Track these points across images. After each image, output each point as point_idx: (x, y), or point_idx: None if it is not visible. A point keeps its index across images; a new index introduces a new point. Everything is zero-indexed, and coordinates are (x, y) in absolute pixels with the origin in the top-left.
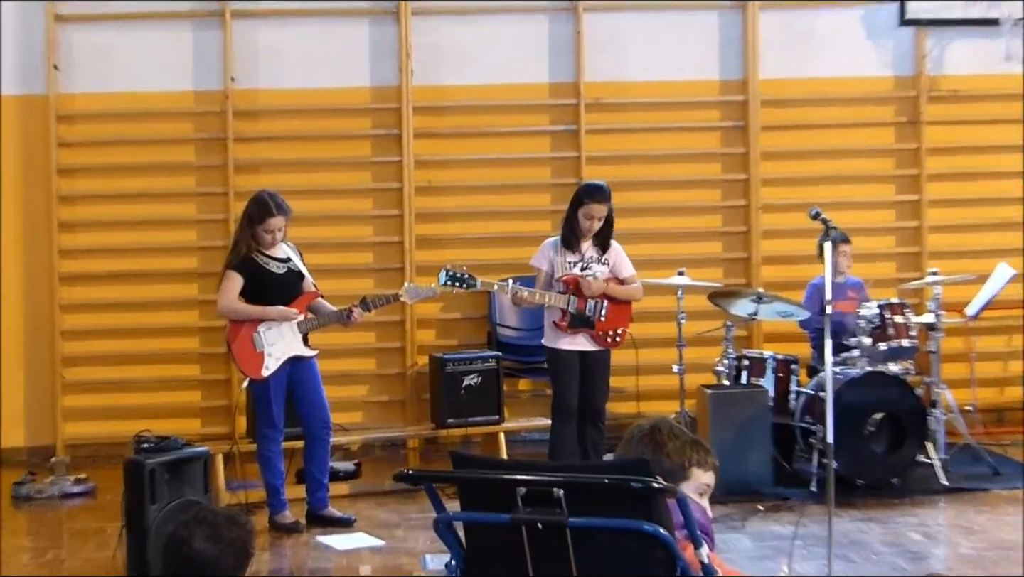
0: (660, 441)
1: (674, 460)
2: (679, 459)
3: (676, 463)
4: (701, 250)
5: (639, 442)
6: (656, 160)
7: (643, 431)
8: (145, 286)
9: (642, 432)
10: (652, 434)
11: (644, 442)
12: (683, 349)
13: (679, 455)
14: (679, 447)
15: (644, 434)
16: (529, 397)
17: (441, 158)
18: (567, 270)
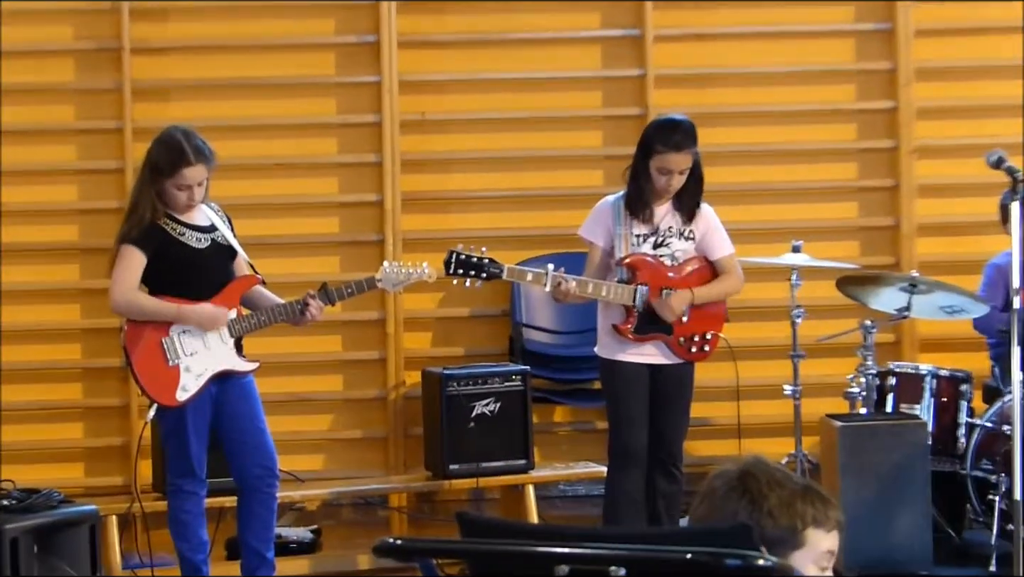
0: (757, 492)
1: (780, 520)
2: (787, 519)
3: (783, 525)
4: (826, 214)
5: (725, 496)
6: (757, 80)
7: (729, 479)
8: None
9: (728, 481)
10: (743, 482)
11: (732, 496)
12: (800, 361)
13: (786, 512)
14: (786, 499)
15: (731, 483)
16: (570, 432)
17: (438, 77)
18: (634, 247)
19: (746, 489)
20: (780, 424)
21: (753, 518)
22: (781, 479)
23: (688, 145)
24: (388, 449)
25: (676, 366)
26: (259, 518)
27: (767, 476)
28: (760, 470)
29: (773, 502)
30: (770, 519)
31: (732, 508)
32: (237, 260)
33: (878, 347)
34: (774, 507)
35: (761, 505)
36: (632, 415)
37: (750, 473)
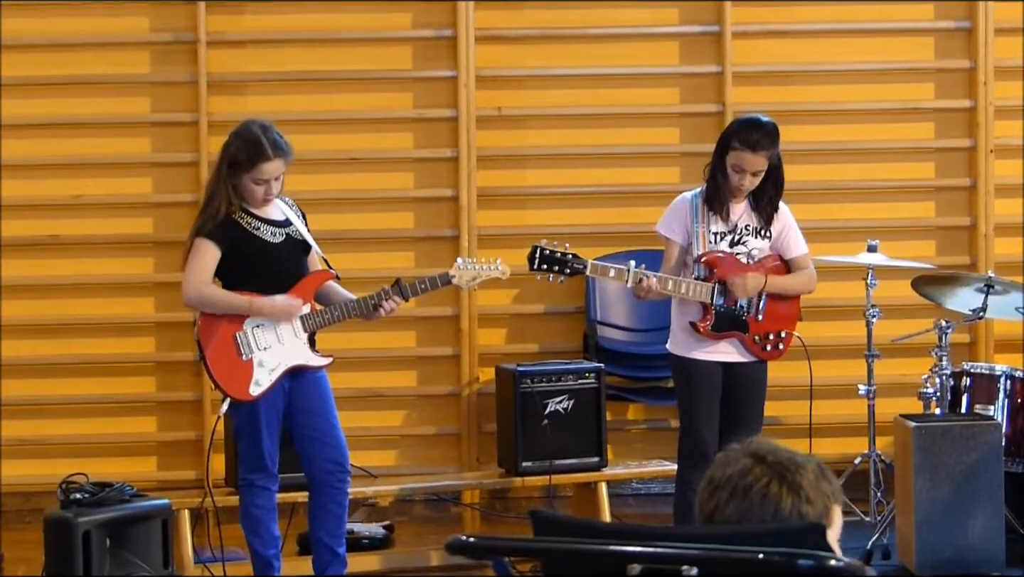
0: (792, 480)
1: (816, 504)
2: (821, 500)
3: (820, 507)
4: (902, 213)
5: (763, 488)
6: (835, 77)
7: (758, 469)
8: (74, 260)
9: (757, 472)
10: (775, 469)
11: (771, 486)
12: (874, 361)
13: (819, 494)
14: (812, 481)
15: (764, 473)
16: (644, 431)
17: (515, 72)
18: (711, 245)
19: (782, 478)
20: (854, 424)
21: (795, 507)
22: (800, 460)
23: (765, 146)
24: (461, 445)
25: (750, 364)
26: (331, 514)
27: (789, 460)
28: (778, 454)
29: (807, 486)
30: (809, 505)
31: (773, 500)
32: (311, 255)
33: (953, 347)
34: (809, 491)
35: (799, 492)
36: (704, 413)
37: (775, 460)
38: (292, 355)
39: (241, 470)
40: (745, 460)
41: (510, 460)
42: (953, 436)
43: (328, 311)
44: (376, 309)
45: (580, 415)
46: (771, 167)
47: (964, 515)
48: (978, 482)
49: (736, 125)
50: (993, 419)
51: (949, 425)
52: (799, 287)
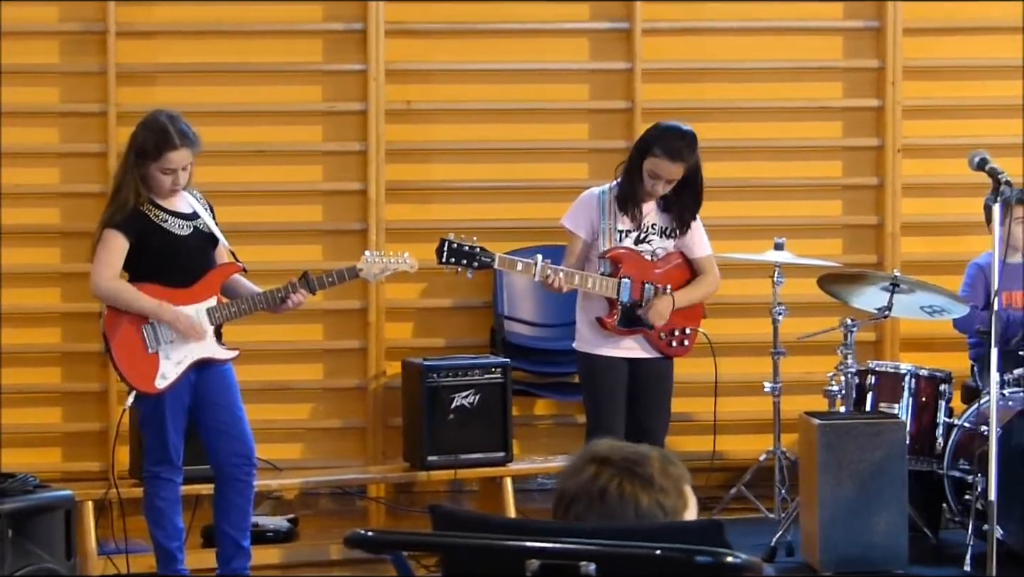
0: (644, 474)
1: (670, 492)
2: (674, 486)
3: (674, 494)
4: (810, 212)
5: (620, 489)
6: (744, 75)
7: (608, 472)
8: None
9: (608, 474)
10: (624, 468)
11: (626, 487)
12: (780, 359)
13: (671, 481)
14: (660, 469)
15: (618, 475)
16: (551, 426)
17: (425, 66)
18: (617, 241)
19: (632, 474)
20: (759, 421)
21: (653, 500)
22: (643, 452)
23: (685, 157)
24: (367, 439)
25: (655, 361)
26: (235, 506)
27: (633, 454)
28: (621, 452)
29: (657, 476)
30: (664, 495)
31: (630, 499)
32: (218, 248)
33: (859, 346)
34: (661, 481)
35: (652, 484)
36: (610, 409)
37: (619, 458)
38: (198, 348)
39: (146, 462)
40: (590, 467)
41: (416, 454)
42: (857, 434)
43: (235, 304)
44: (283, 302)
45: (486, 410)
46: (690, 176)
47: (868, 513)
48: (882, 480)
49: (658, 132)
50: (897, 417)
51: (854, 423)
52: (705, 295)
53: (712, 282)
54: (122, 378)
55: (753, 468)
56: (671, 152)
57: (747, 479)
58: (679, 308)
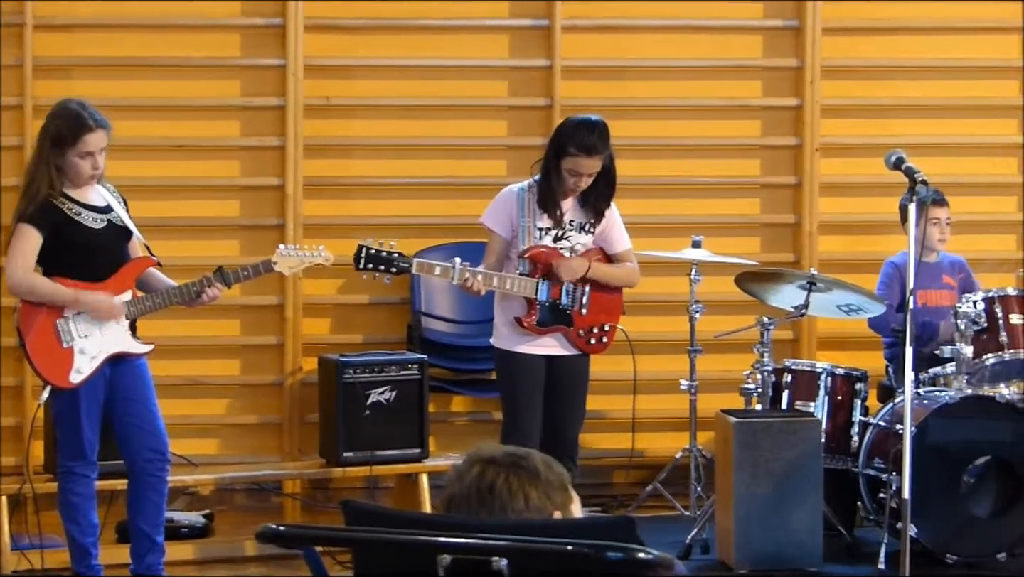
0: (531, 469)
1: (555, 484)
2: (558, 480)
3: (561, 487)
4: (728, 210)
5: (509, 487)
6: (664, 73)
7: (494, 473)
8: None
9: (494, 475)
10: (510, 465)
11: (515, 485)
12: (697, 356)
13: (556, 474)
14: (545, 462)
15: (504, 474)
16: (467, 422)
17: (345, 62)
18: (536, 240)
19: (519, 468)
20: (676, 419)
21: (545, 494)
22: (523, 451)
23: (600, 149)
24: (283, 435)
25: (573, 358)
26: (150, 502)
27: (515, 452)
28: (503, 451)
29: (543, 471)
30: (551, 488)
31: (519, 494)
32: (132, 241)
33: (776, 344)
34: (548, 475)
35: (539, 478)
36: (526, 406)
37: (503, 456)
38: (113, 342)
39: (60, 457)
40: (476, 466)
41: (332, 450)
42: (773, 432)
43: (150, 298)
44: (198, 296)
45: (403, 406)
46: (606, 165)
47: (783, 511)
48: (798, 478)
49: (570, 128)
50: (813, 416)
51: (770, 421)
52: (622, 278)
53: (632, 272)
54: (36, 373)
55: (670, 466)
56: (587, 148)
57: (663, 476)
58: (594, 277)
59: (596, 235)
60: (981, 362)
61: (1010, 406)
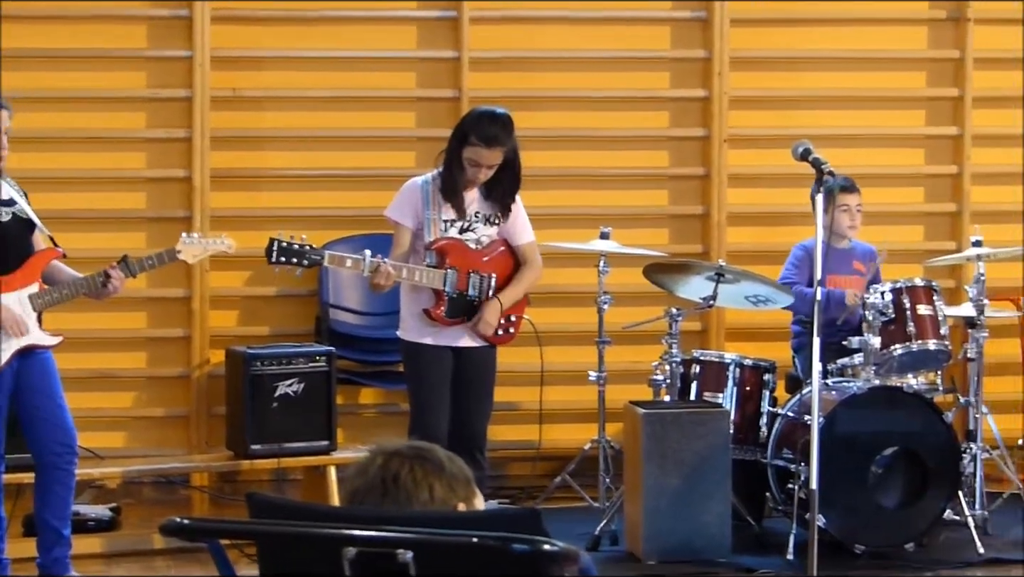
0: (436, 462)
1: (459, 475)
2: (461, 471)
3: (465, 476)
4: (635, 201)
5: (414, 478)
6: (572, 65)
7: (399, 467)
8: None
9: (387, 463)
10: (413, 456)
11: (420, 477)
12: (605, 348)
13: (458, 466)
14: (447, 456)
15: (409, 466)
16: (375, 415)
17: (252, 53)
18: (442, 232)
19: (423, 459)
20: (584, 410)
21: (449, 485)
22: (425, 444)
23: (502, 141)
24: (191, 428)
25: (480, 349)
26: (56, 495)
27: (417, 445)
28: (405, 443)
29: (446, 463)
30: (455, 480)
31: (424, 484)
32: (35, 233)
33: (685, 335)
34: (451, 468)
35: (443, 469)
36: (434, 398)
37: (407, 448)
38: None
39: None
40: (379, 459)
41: (239, 443)
42: (682, 423)
43: (57, 290)
44: (104, 286)
45: (310, 398)
46: (509, 159)
47: (692, 502)
48: (706, 469)
49: (472, 119)
50: (722, 407)
51: (678, 412)
52: (529, 287)
53: (535, 271)
54: None
55: (578, 457)
56: (488, 139)
57: (572, 468)
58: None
59: (501, 227)
60: (889, 353)
61: (918, 396)
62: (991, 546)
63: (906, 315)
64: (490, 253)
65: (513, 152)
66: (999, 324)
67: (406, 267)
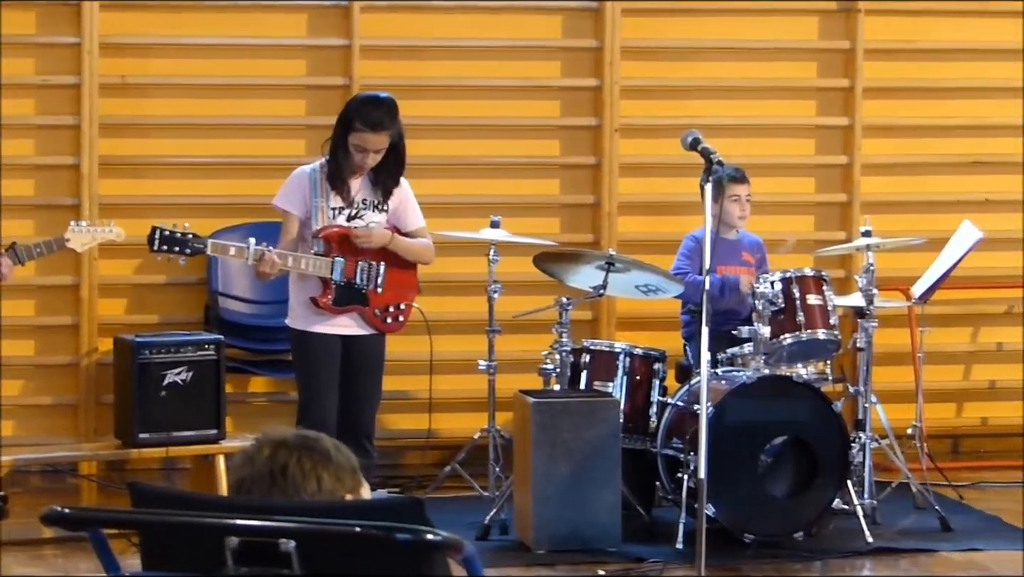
0: (323, 451)
1: (346, 463)
2: (347, 460)
3: (352, 463)
4: (526, 190)
5: (304, 468)
6: (463, 53)
7: (273, 452)
8: None
9: (274, 454)
10: (300, 446)
11: (297, 459)
12: (495, 336)
13: (344, 454)
14: (333, 444)
15: (297, 456)
16: (265, 403)
17: (141, 40)
18: (330, 220)
19: (310, 450)
20: (474, 399)
21: (336, 476)
22: (310, 433)
23: (387, 125)
24: (79, 416)
25: (369, 337)
26: None
27: (303, 435)
28: (292, 432)
29: (332, 452)
30: (342, 470)
31: (312, 475)
32: None
33: (576, 324)
34: (338, 457)
35: (330, 459)
36: (322, 387)
37: (293, 438)
38: None
39: None
40: (266, 449)
41: (127, 431)
42: (572, 412)
43: None
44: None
45: (199, 387)
46: (394, 143)
47: (582, 491)
48: (596, 458)
49: (356, 104)
50: (612, 396)
51: (568, 401)
52: (419, 253)
53: (427, 247)
54: None
55: (468, 446)
56: (373, 124)
57: (462, 457)
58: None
59: (390, 213)
60: (778, 342)
61: (807, 386)
62: (879, 535)
63: (796, 305)
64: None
65: (398, 136)
66: (888, 314)
67: (292, 255)
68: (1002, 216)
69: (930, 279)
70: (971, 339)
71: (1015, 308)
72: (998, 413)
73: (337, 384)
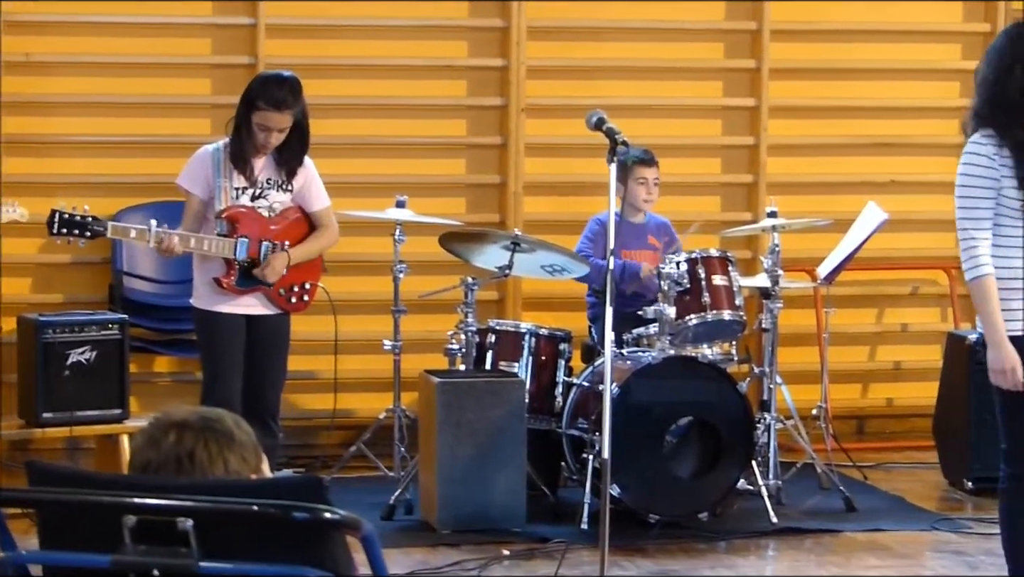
0: (225, 431)
1: (248, 441)
2: (248, 437)
3: (252, 441)
4: (432, 170)
5: (192, 452)
6: (369, 33)
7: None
8: None
9: (180, 439)
10: (204, 429)
11: (204, 443)
12: (401, 316)
13: (246, 432)
14: (235, 421)
15: (190, 436)
16: (170, 383)
17: (44, 18)
18: (233, 200)
19: (215, 432)
20: (379, 379)
21: (241, 457)
22: (212, 413)
23: (290, 104)
24: None
25: (273, 317)
26: None
27: (206, 415)
28: (194, 414)
29: (235, 432)
30: (245, 449)
31: (218, 459)
32: None
33: (482, 305)
34: (241, 436)
35: (233, 439)
36: (227, 367)
37: (196, 420)
38: None
39: None
40: (171, 433)
41: (30, 411)
42: (477, 393)
43: None
44: None
45: (103, 367)
46: (298, 121)
47: (486, 471)
48: (501, 439)
49: (259, 83)
50: (517, 376)
51: (473, 381)
52: (323, 248)
53: (330, 235)
54: None
55: (373, 426)
56: (275, 102)
57: (367, 437)
58: (296, 263)
59: (294, 193)
60: (684, 323)
61: (712, 367)
62: (784, 516)
63: (701, 285)
64: (282, 221)
65: (302, 114)
66: (794, 295)
67: (194, 236)
68: (907, 197)
69: (835, 260)
70: (876, 320)
71: (920, 289)
72: (903, 394)
73: (242, 364)
